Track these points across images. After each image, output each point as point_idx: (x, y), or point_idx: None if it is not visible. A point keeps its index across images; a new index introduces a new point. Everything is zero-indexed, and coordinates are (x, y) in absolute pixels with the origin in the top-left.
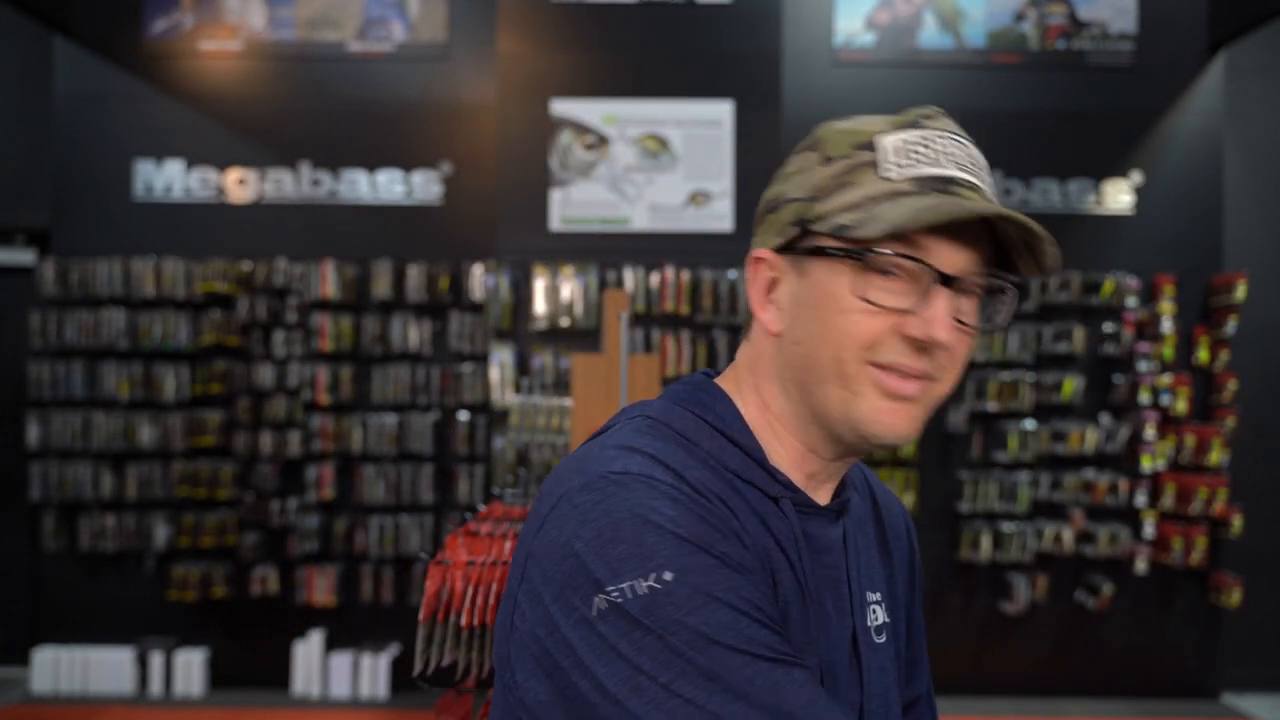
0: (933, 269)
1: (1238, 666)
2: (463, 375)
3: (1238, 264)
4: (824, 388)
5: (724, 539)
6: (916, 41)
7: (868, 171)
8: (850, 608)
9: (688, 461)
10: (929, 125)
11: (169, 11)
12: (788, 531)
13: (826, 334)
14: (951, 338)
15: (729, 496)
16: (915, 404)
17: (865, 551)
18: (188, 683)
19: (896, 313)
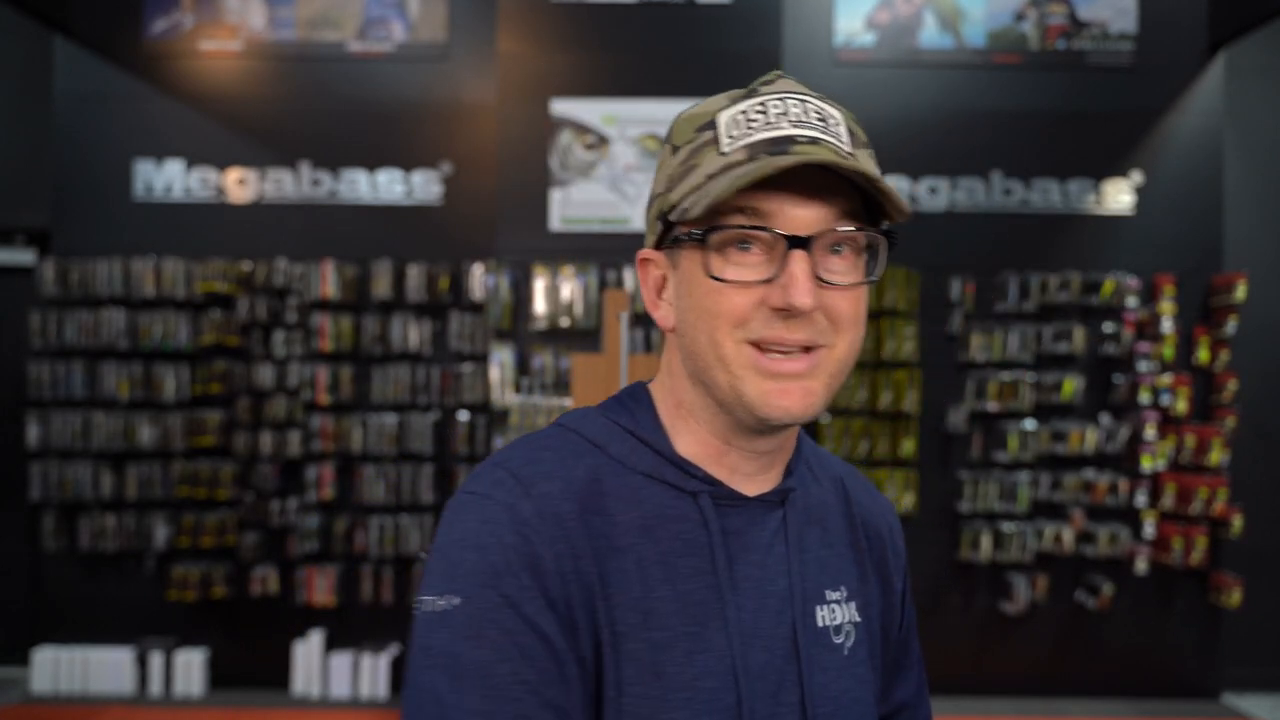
0: (776, 233)
1: (1238, 666)
2: (463, 375)
3: (1238, 264)
4: (712, 375)
5: (520, 574)
6: (916, 41)
7: (709, 151)
8: (791, 603)
9: (553, 475)
10: (765, 91)
11: (169, 11)
12: (695, 528)
13: (699, 320)
14: (815, 300)
15: (590, 510)
16: (805, 379)
17: (822, 547)
18: (188, 683)
19: (757, 285)
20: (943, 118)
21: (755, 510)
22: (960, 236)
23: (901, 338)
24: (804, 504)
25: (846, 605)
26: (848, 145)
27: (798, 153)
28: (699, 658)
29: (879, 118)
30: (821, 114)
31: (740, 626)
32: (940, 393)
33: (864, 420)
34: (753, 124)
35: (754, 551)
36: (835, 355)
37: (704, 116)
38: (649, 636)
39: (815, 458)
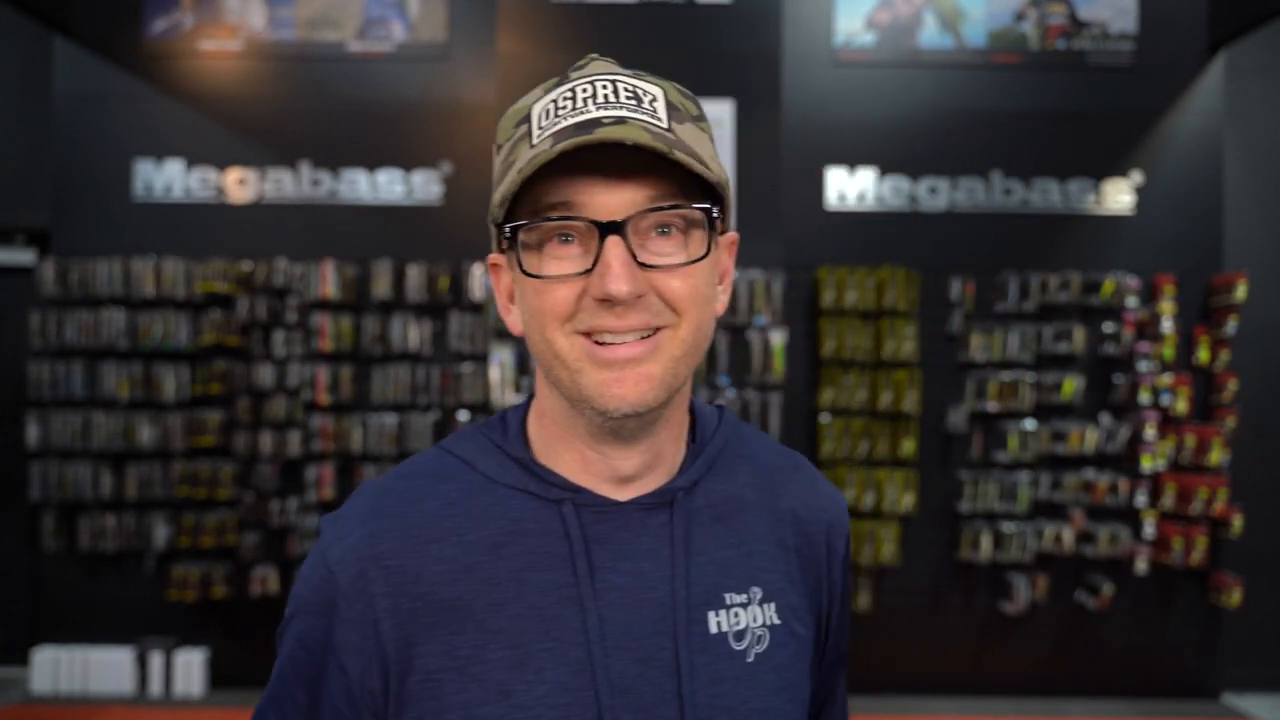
0: (585, 220)
1: (1238, 666)
2: (463, 375)
3: (1238, 264)
4: (555, 374)
5: (310, 616)
6: (916, 41)
7: (523, 145)
8: (673, 611)
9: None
10: (576, 76)
11: (169, 11)
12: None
13: (533, 319)
14: (634, 285)
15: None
16: (643, 364)
17: (726, 548)
18: (188, 683)
19: (577, 277)
20: (943, 118)
21: (631, 515)
22: (960, 236)
23: (901, 338)
24: (703, 503)
25: (760, 608)
26: (664, 122)
27: (600, 135)
28: (552, 673)
29: (879, 118)
30: (634, 92)
31: (608, 639)
32: (940, 393)
33: (864, 420)
34: (560, 111)
35: (627, 559)
36: (679, 337)
37: (522, 111)
38: (499, 656)
39: (742, 449)
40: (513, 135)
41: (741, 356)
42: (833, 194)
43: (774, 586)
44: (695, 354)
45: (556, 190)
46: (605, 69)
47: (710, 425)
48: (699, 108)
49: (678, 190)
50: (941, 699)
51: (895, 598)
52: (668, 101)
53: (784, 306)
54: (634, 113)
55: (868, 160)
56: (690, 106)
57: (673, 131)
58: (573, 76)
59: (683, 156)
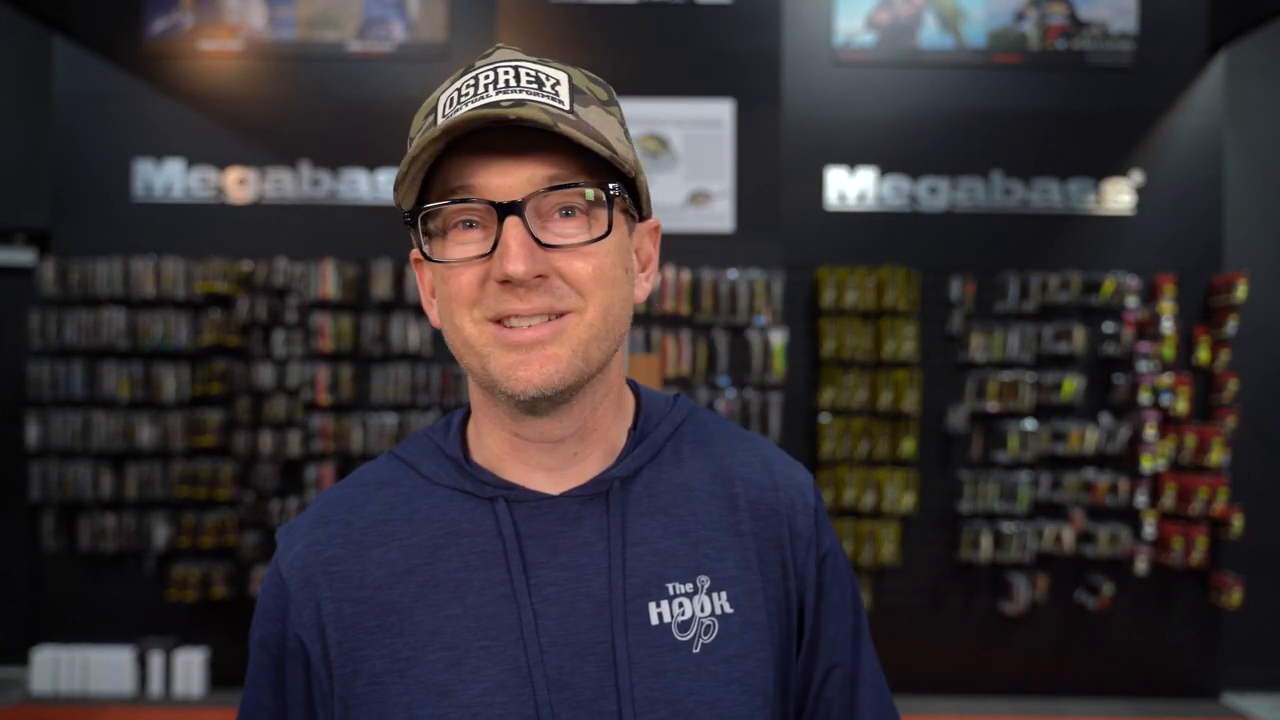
0: (483, 202)
1: (1238, 666)
2: (462, 375)
3: (1238, 264)
4: (468, 362)
5: (268, 621)
6: (916, 41)
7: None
8: (610, 604)
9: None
10: (480, 64)
11: (169, 11)
12: (491, 538)
13: (443, 308)
14: (531, 265)
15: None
16: (548, 346)
17: (669, 536)
18: (188, 683)
19: (478, 261)
20: (943, 118)
21: (565, 508)
22: (960, 236)
23: (901, 338)
24: (644, 492)
25: (708, 597)
26: (566, 104)
27: (489, 113)
28: (489, 672)
29: (879, 118)
30: (536, 76)
31: (544, 634)
32: (940, 393)
33: (864, 420)
34: (463, 98)
35: (563, 553)
36: (586, 320)
37: (430, 104)
38: (437, 657)
39: (694, 434)
40: (422, 127)
41: (741, 356)
42: (833, 194)
43: (725, 575)
44: (606, 337)
45: (456, 175)
46: (509, 56)
47: (657, 413)
48: (609, 93)
49: (580, 171)
50: (941, 699)
51: (895, 598)
52: (572, 85)
53: (784, 306)
54: (534, 95)
55: (868, 160)
56: (599, 91)
57: (574, 113)
58: (477, 65)
59: (572, 131)
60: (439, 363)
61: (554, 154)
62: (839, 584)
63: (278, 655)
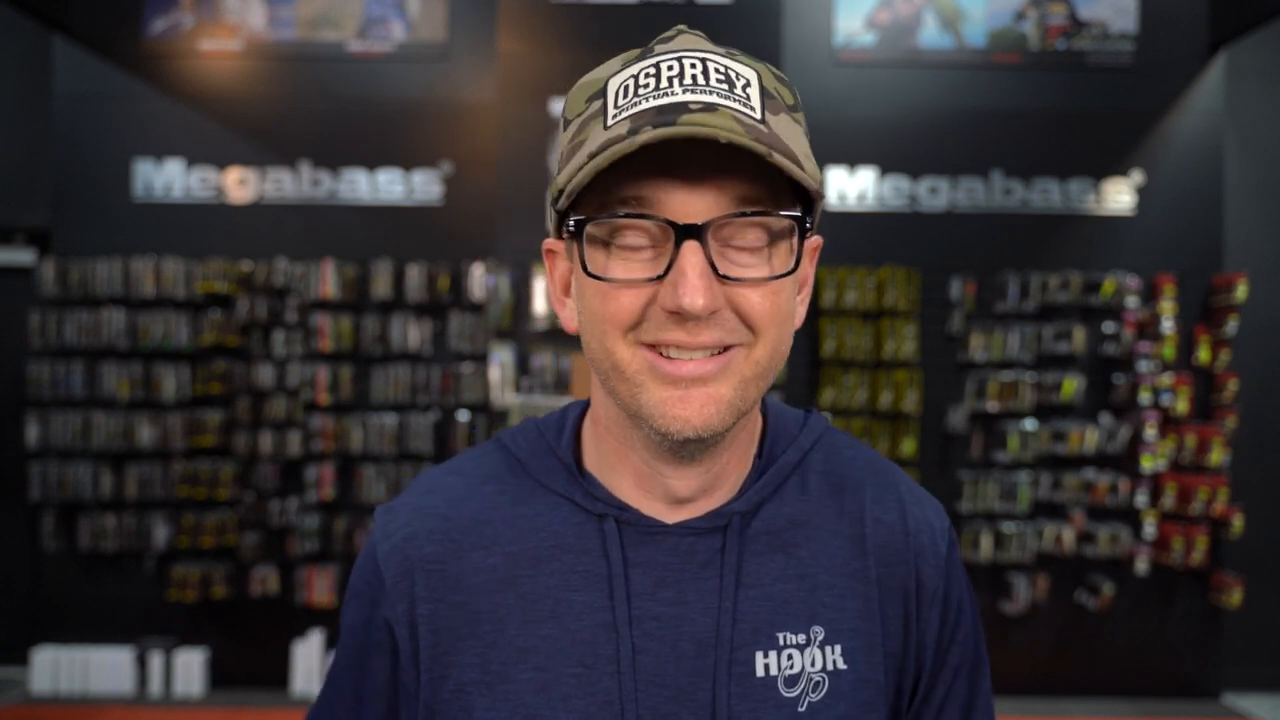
0: (661, 221)
1: (1238, 666)
2: (463, 375)
3: (1238, 264)
4: (611, 384)
5: (360, 604)
6: (917, 41)
7: (596, 124)
8: (716, 648)
9: (431, 512)
10: (661, 50)
11: (169, 11)
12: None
13: (592, 324)
14: (710, 299)
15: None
16: (711, 384)
17: (786, 580)
18: (188, 683)
19: (646, 284)
20: (943, 118)
21: (679, 539)
22: (960, 236)
23: (901, 338)
24: (763, 528)
25: (820, 650)
26: (757, 111)
27: (686, 123)
28: (578, 702)
29: (879, 118)
30: (726, 74)
31: (640, 671)
32: (940, 393)
33: (864, 420)
34: (642, 90)
35: (670, 587)
36: (753, 357)
37: (596, 84)
38: (528, 677)
39: (824, 462)
40: (584, 111)
41: None
42: (833, 194)
43: (842, 626)
44: (769, 375)
45: (631, 183)
46: (695, 44)
47: (786, 436)
48: (795, 95)
49: (766, 193)
50: None
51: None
52: (762, 87)
53: None
54: (725, 99)
55: (868, 160)
56: (786, 94)
57: (766, 123)
58: (657, 50)
59: (781, 160)
60: (439, 363)
61: (742, 171)
62: (960, 644)
63: (363, 640)
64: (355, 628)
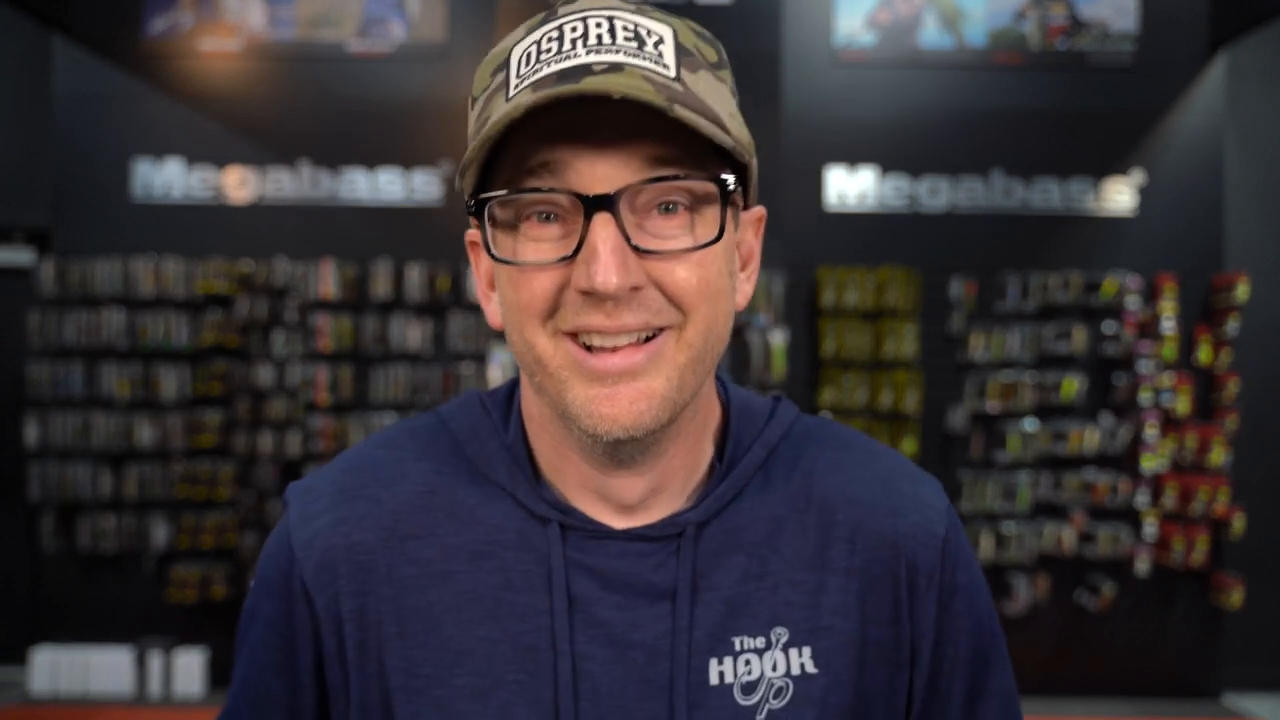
0: (567, 193)
1: (1238, 666)
2: (462, 375)
3: (1238, 264)
4: (538, 380)
5: (275, 598)
6: (917, 41)
7: (499, 97)
8: (671, 657)
9: (360, 495)
10: (564, 12)
11: (169, 11)
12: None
13: (510, 315)
14: (626, 276)
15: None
16: (641, 379)
17: (745, 581)
18: (187, 683)
19: (557, 264)
20: (943, 118)
21: (627, 545)
22: (960, 236)
23: (901, 338)
24: (722, 527)
25: (783, 653)
26: (671, 69)
27: (584, 85)
28: (518, 710)
29: (879, 118)
30: (635, 31)
31: (585, 681)
32: (940, 393)
33: (864, 420)
34: (545, 55)
35: (617, 591)
36: (685, 340)
37: (501, 55)
38: (464, 682)
39: (797, 451)
40: (489, 85)
41: (741, 356)
42: (833, 194)
43: (808, 626)
44: (707, 359)
45: (534, 154)
46: (601, 1)
47: (750, 433)
48: (720, 53)
49: (685, 155)
50: None
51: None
52: (677, 44)
53: (784, 306)
54: (633, 57)
55: (868, 160)
56: (708, 51)
57: (681, 81)
58: (561, 11)
59: (686, 114)
60: (439, 363)
61: (657, 134)
62: (968, 635)
63: (288, 636)
64: (276, 624)
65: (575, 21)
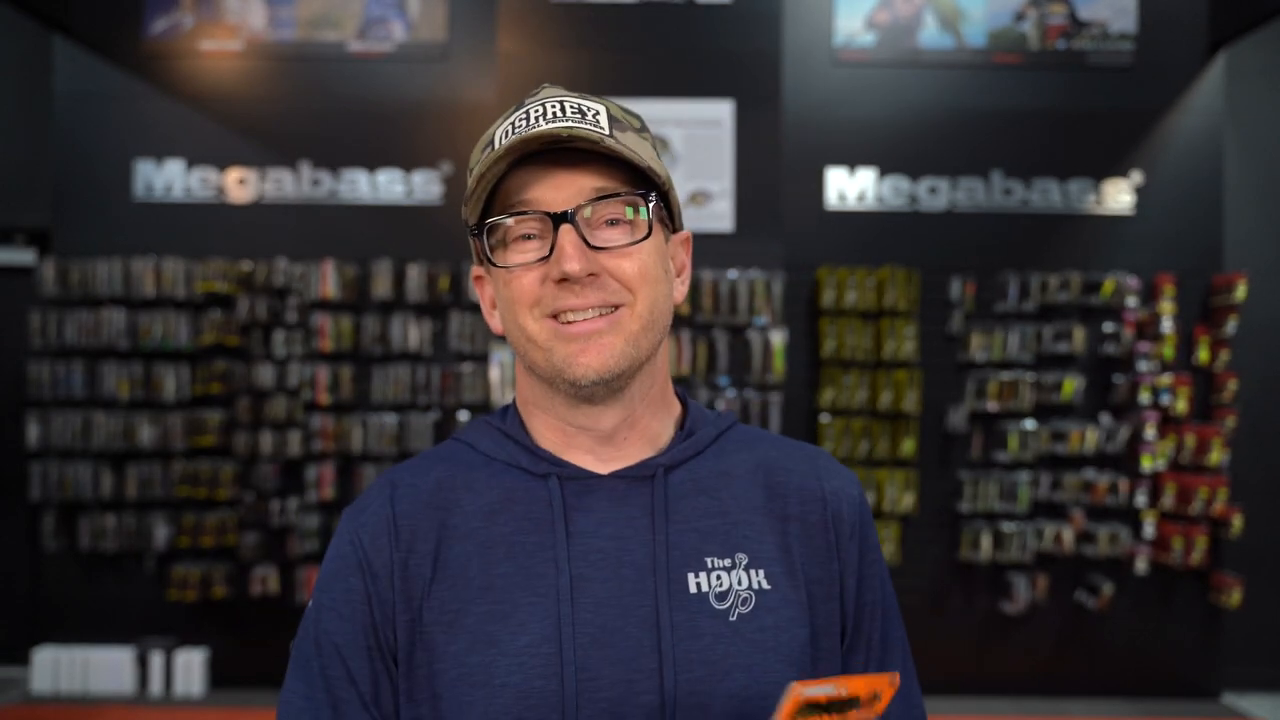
0: (537, 212)
1: (1238, 666)
2: (463, 375)
3: (1238, 264)
4: (531, 357)
5: (344, 578)
6: (916, 41)
7: (488, 158)
8: (653, 572)
9: (399, 483)
10: (530, 101)
11: (169, 11)
12: (543, 507)
13: (508, 311)
14: (584, 264)
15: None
16: (605, 337)
17: (709, 516)
18: (188, 683)
19: (537, 264)
20: (943, 118)
21: (613, 486)
22: (960, 236)
23: (901, 338)
24: (689, 476)
25: (746, 572)
26: (606, 130)
27: (539, 132)
28: (535, 625)
29: (879, 118)
30: (580, 109)
31: (588, 596)
32: (940, 393)
33: (864, 420)
34: (517, 129)
35: (609, 525)
36: (635, 312)
37: (487, 138)
38: (488, 609)
39: (741, 438)
40: (480, 157)
41: (741, 356)
42: (833, 194)
43: (763, 554)
44: (653, 328)
45: (516, 191)
46: (555, 93)
47: (703, 419)
48: (641, 122)
49: (620, 184)
50: (941, 699)
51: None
52: (609, 115)
53: (784, 306)
54: (578, 124)
55: (868, 160)
56: (633, 120)
57: (614, 137)
58: (527, 103)
59: (614, 145)
60: (439, 363)
61: (599, 170)
62: (879, 582)
63: (358, 602)
64: (352, 596)
65: (536, 105)
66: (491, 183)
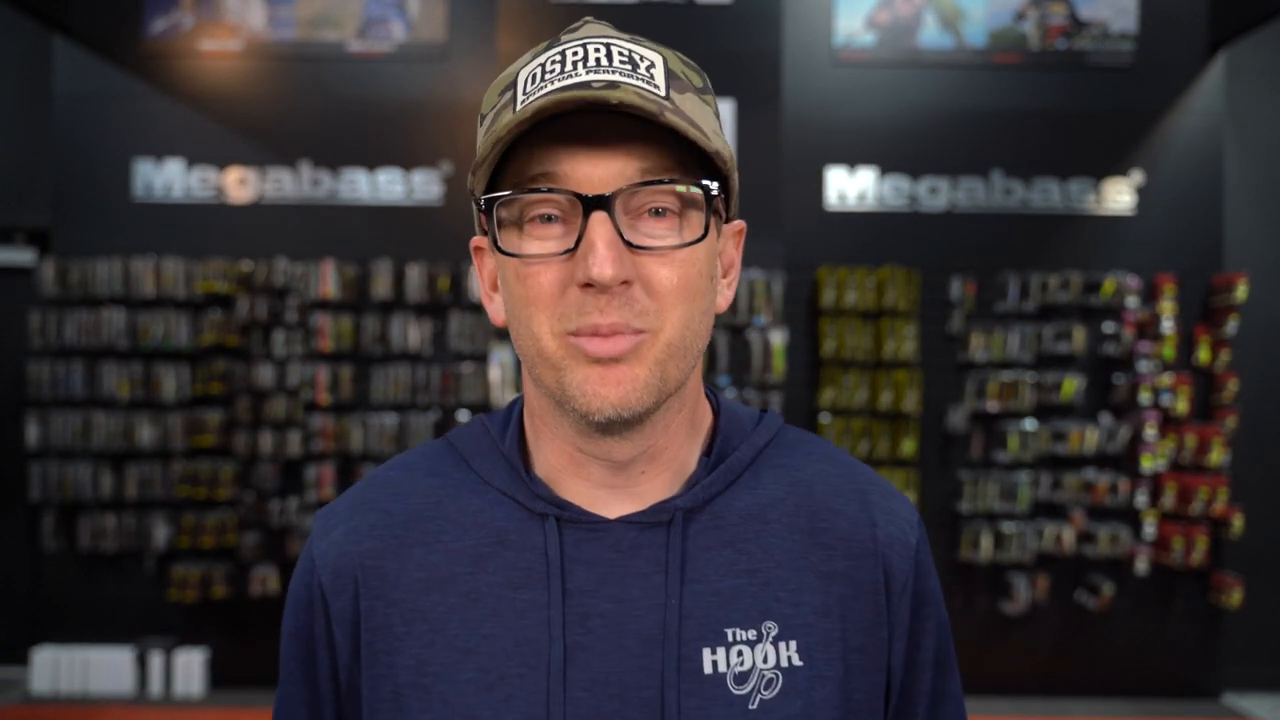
0: (567, 193)
1: (1238, 666)
2: (463, 375)
3: (1238, 264)
4: (538, 371)
5: (299, 610)
6: (917, 41)
7: (506, 113)
8: (663, 645)
9: (372, 507)
10: (567, 39)
11: (169, 11)
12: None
13: (516, 310)
14: (619, 268)
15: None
16: (625, 363)
17: (734, 575)
18: (188, 683)
19: (558, 258)
20: (943, 118)
21: (622, 534)
22: (960, 236)
23: (901, 338)
24: (714, 522)
25: (773, 646)
26: (662, 89)
27: (581, 95)
28: (521, 701)
29: (879, 118)
30: (630, 56)
31: (582, 671)
32: (940, 393)
33: (864, 420)
34: (549, 75)
35: (613, 583)
36: (662, 340)
37: (508, 78)
38: (469, 678)
39: (782, 458)
40: (497, 103)
41: (741, 356)
42: (833, 194)
43: (797, 621)
44: (685, 355)
45: (538, 161)
46: (600, 31)
47: (737, 434)
48: (704, 79)
49: (675, 165)
50: None
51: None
52: (667, 69)
53: (784, 306)
54: (628, 78)
55: (868, 160)
56: (694, 77)
57: (670, 100)
58: (564, 39)
59: (676, 120)
60: (439, 363)
61: (648, 144)
62: (931, 639)
63: (309, 645)
64: (299, 634)
65: (576, 47)
66: (509, 144)
